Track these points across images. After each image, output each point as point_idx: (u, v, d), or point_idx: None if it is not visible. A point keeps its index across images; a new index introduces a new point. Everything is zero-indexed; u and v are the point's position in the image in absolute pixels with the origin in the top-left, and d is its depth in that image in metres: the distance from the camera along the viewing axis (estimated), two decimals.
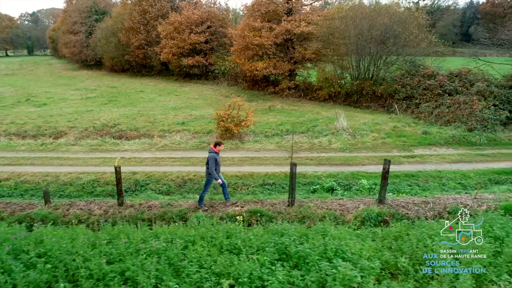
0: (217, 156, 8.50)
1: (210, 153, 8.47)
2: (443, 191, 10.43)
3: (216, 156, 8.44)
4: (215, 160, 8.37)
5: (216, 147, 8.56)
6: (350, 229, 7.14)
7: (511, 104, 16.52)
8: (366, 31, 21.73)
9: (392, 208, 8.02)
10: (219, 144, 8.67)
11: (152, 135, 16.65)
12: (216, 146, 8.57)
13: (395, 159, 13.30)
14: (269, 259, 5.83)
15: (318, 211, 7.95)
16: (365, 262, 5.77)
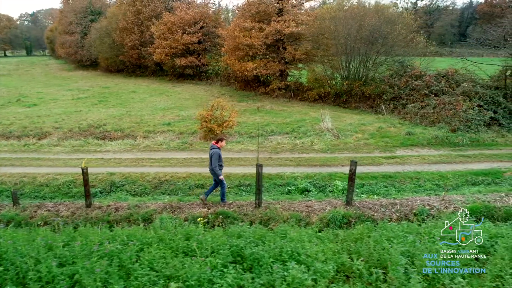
0: (220, 151, 8.45)
1: (213, 149, 8.38)
2: (415, 192, 10.39)
3: (219, 152, 8.39)
4: (219, 156, 8.31)
5: (218, 143, 8.52)
6: (312, 231, 7.10)
7: (496, 105, 16.45)
8: (354, 32, 21.69)
9: (359, 210, 7.98)
10: (221, 140, 8.63)
11: (135, 135, 16.62)
12: (218, 142, 8.53)
13: (375, 160, 13.28)
14: (222, 262, 5.79)
15: (284, 212, 7.92)
16: (319, 265, 5.73)
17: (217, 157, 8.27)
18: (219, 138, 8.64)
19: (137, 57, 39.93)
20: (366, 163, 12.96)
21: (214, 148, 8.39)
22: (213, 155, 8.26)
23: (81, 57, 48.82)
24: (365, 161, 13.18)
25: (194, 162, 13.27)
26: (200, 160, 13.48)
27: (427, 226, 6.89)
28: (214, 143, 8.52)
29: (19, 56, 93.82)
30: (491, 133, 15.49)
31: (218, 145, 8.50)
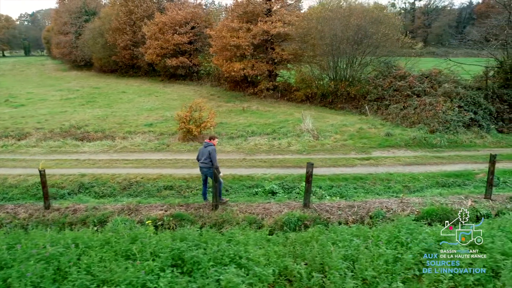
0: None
1: (209, 147, 8.40)
2: (383, 194, 10.33)
3: (215, 149, 8.48)
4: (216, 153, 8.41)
5: (211, 141, 8.63)
6: (263, 233, 7.06)
7: (477, 106, 16.36)
8: (339, 32, 21.62)
9: (316, 212, 7.94)
10: (214, 138, 8.75)
11: (115, 136, 16.60)
12: (211, 140, 8.64)
13: (349, 162, 13.23)
14: (160, 265, 5.76)
15: (239, 215, 7.88)
16: (258, 269, 5.69)
17: (215, 154, 8.35)
18: (211, 136, 8.76)
19: (129, 57, 39.93)
20: (339, 165, 12.92)
21: (211, 145, 8.45)
22: (212, 152, 8.30)
23: (76, 57, 48.85)
24: (339, 162, 13.14)
25: (167, 163, 13.24)
26: (174, 161, 13.45)
27: (376, 229, 6.84)
28: (208, 140, 8.59)
29: (17, 56, 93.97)
30: (470, 134, 15.40)
31: (213, 142, 8.61)
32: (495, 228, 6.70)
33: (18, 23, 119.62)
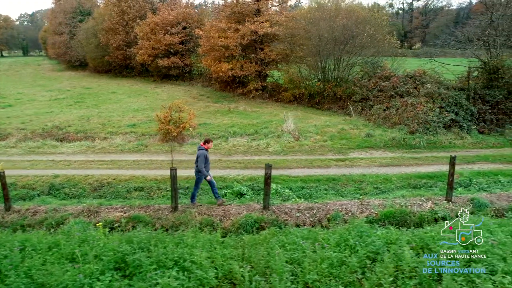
0: (207, 152, 8.52)
1: (199, 150, 8.45)
2: (354, 195, 10.27)
3: (206, 153, 8.46)
4: (205, 157, 8.37)
5: (205, 144, 8.58)
6: (216, 236, 7.01)
7: (458, 107, 16.27)
8: (325, 33, 21.55)
9: (275, 214, 7.88)
10: (208, 142, 8.69)
11: (95, 137, 16.57)
12: (205, 143, 8.60)
13: (324, 163, 13.18)
14: (101, 268, 5.72)
15: (197, 217, 7.83)
16: (200, 272, 5.63)
17: (203, 158, 8.35)
18: (206, 140, 8.72)
19: (122, 57, 39.92)
20: (314, 166, 12.86)
21: (201, 149, 8.49)
22: (200, 156, 8.34)
23: (70, 57, 48.86)
24: (314, 163, 13.08)
25: (142, 164, 13.21)
26: (149, 162, 13.42)
27: (327, 232, 6.77)
28: (202, 144, 8.60)
29: (16, 57, 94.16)
30: (450, 135, 15.33)
31: (205, 146, 8.56)
32: (447, 230, 6.62)
33: (18, 23, 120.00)
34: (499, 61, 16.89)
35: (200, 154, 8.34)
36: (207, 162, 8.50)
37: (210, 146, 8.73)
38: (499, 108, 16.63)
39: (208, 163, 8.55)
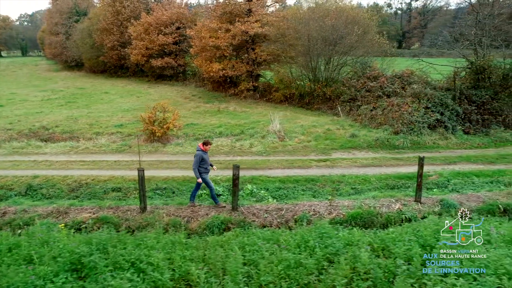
0: (204, 154, 8.45)
1: (197, 151, 8.46)
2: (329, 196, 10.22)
3: (203, 154, 8.40)
4: (200, 158, 8.33)
5: (203, 146, 8.54)
6: (178, 237, 6.99)
7: (444, 107, 16.21)
8: (314, 32, 21.52)
9: (243, 215, 7.86)
10: (207, 144, 8.63)
11: (80, 137, 16.58)
12: (204, 145, 8.56)
13: (305, 163, 13.15)
14: (57, 270, 5.71)
15: (165, 218, 7.81)
16: (155, 274, 5.62)
17: (197, 159, 8.31)
18: (205, 142, 8.68)
19: (117, 58, 39.93)
20: (295, 166, 12.83)
21: (198, 150, 8.47)
22: (195, 157, 8.36)
23: (66, 57, 48.92)
24: (294, 163, 13.05)
25: (123, 164, 13.20)
26: (131, 162, 13.41)
27: (289, 233, 6.75)
28: (200, 145, 8.56)
29: (14, 57, 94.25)
30: (434, 135, 15.27)
31: (203, 148, 8.50)
32: (409, 232, 6.60)
33: (17, 24, 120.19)
34: (486, 61, 16.82)
35: (196, 155, 8.37)
36: (204, 164, 8.44)
37: (208, 148, 8.65)
38: (485, 109, 16.57)
39: (205, 164, 8.46)
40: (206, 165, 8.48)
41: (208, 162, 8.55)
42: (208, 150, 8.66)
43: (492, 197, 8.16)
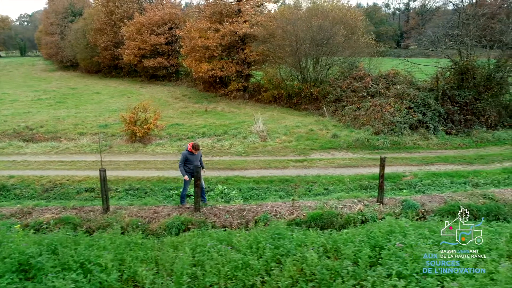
0: (190, 155, 8.56)
1: (183, 151, 8.71)
2: (304, 196, 10.21)
3: (187, 154, 8.54)
4: (184, 158, 8.50)
5: (192, 148, 8.63)
6: (134, 237, 6.99)
7: (426, 107, 16.17)
8: (301, 33, 21.51)
9: (204, 216, 7.86)
10: (195, 148, 8.66)
11: (62, 137, 16.60)
12: (192, 148, 8.64)
13: (282, 164, 13.14)
14: (2, 271, 5.71)
15: (126, 219, 7.81)
16: (102, 275, 5.61)
17: (181, 158, 8.52)
18: (194, 145, 8.70)
19: (110, 58, 39.97)
20: (271, 167, 12.82)
21: (185, 150, 8.66)
22: (181, 156, 8.64)
23: (62, 58, 48.99)
24: (272, 164, 13.04)
25: (100, 165, 13.17)
26: (108, 163, 13.40)
27: (243, 234, 6.73)
28: (189, 145, 8.67)
29: (13, 57, 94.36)
30: (415, 135, 15.24)
31: (190, 149, 8.59)
32: (363, 233, 6.58)
33: (17, 24, 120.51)
34: (469, 61, 16.78)
35: (181, 154, 8.61)
36: (188, 164, 8.54)
37: (195, 152, 8.68)
38: (468, 109, 16.53)
39: (190, 164, 8.54)
40: (190, 165, 8.56)
41: (193, 163, 8.58)
42: (195, 154, 8.67)
43: (454, 198, 8.13)
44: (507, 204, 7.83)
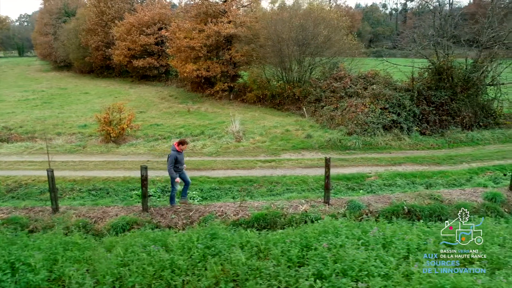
0: (178, 154, 8.40)
1: (171, 151, 8.42)
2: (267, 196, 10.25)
3: (176, 154, 8.35)
4: (174, 158, 8.30)
5: (178, 146, 8.49)
6: (75, 238, 7.04)
7: (401, 108, 16.17)
8: (283, 33, 21.52)
9: (151, 216, 7.90)
10: (182, 143, 8.56)
11: (38, 138, 16.67)
12: (179, 145, 8.50)
13: (250, 164, 13.17)
14: None
15: (73, 218, 7.86)
16: (29, 275, 5.66)
17: (171, 160, 8.27)
18: (181, 141, 8.59)
19: (102, 58, 40.09)
20: (239, 167, 12.85)
21: (173, 150, 8.40)
22: (169, 157, 8.33)
23: (55, 58, 49.15)
24: (239, 164, 13.07)
25: (70, 165, 13.27)
26: (78, 163, 13.48)
27: (179, 234, 6.76)
28: (175, 144, 8.50)
29: (11, 57, 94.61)
30: (388, 136, 15.23)
31: (178, 147, 8.45)
32: (296, 233, 6.60)
33: (17, 24, 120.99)
34: (446, 61, 16.76)
35: (170, 155, 8.32)
36: (179, 164, 8.44)
37: (184, 148, 8.58)
38: (443, 109, 16.51)
39: (179, 164, 8.44)
40: (179, 165, 8.46)
41: (182, 162, 8.52)
42: (183, 150, 8.58)
43: (401, 198, 8.13)
44: (451, 204, 7.83)
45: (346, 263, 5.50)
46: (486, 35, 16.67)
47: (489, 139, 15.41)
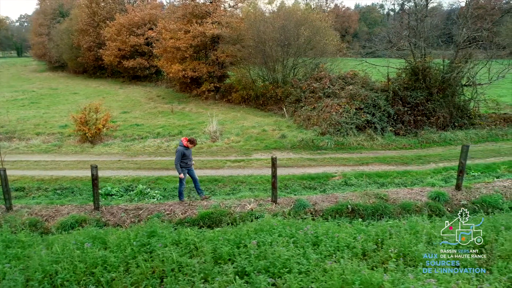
0: (186, 150, 8.62)
1: (178, 147, 8.67)
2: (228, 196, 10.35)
3: (184, 150, 8.58)
4: (182, 154, 8.51)
5: (187, 142, 8.70)
6: (20, 236, 7.16)
7: (376, 108, 16.25)
8: (264, 34, 21.64)
9: (101, 214, 8.02)
10: (191, 142, 8.75)
11: (15, 138, 16.84)
12: (188, 142, 8.72)
13: (219, 164, 13.28)
14: None
15: (25, 217, 8.00)
16: None
17: (179, 154, 8.50)
18: (190, 140, 8.79)
19: (94, 58, 40.31)
20: (207, 167, 12.96)
21: (180, 145, 8.65)
22: (176, 152, 8.59)
23: (50, 58, 49.43)
24: (208, 164, 13.19)
25: (41, 165, 13.42)
26: (50, 162, 13.63)
27: (119, 232, 6.88)
28: (184, 139, 8.73)
29: (9, 57, 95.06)
30: (361, 136, 15.31)
31: (185, 144, 8.66)
32: (232, 231, 6.71)
33: (18, 24, 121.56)
34: (422, 62, 16.83)
35: (177, 150, 8.57)
36: (187, 159, 8.65)
37: (191, 147, 8.78)
38: (419, 110, 16.58)
39: (187, 160, 8.64)
40: (187, 160, 8.67)
41: (190, 157, 8.74)
42: (191, 148, 8.79)
43: (347, 197, 8.23)
44: (396, 203, 7.92)
45: (269, 260, 5.62)
46: (461, 35, 16.73)
47: (462, 139, 15.46)
